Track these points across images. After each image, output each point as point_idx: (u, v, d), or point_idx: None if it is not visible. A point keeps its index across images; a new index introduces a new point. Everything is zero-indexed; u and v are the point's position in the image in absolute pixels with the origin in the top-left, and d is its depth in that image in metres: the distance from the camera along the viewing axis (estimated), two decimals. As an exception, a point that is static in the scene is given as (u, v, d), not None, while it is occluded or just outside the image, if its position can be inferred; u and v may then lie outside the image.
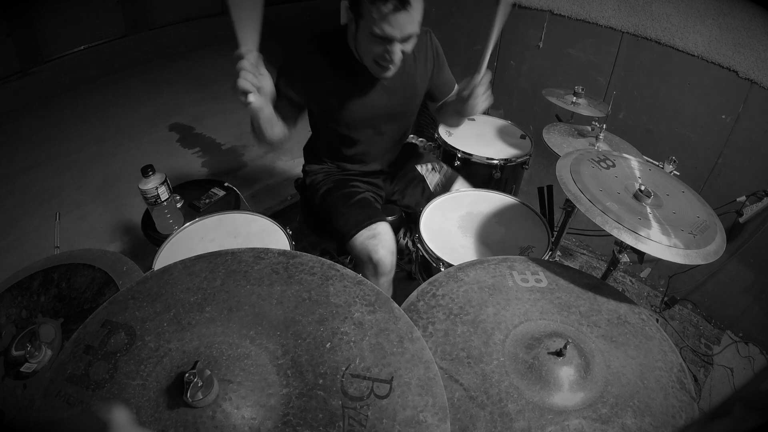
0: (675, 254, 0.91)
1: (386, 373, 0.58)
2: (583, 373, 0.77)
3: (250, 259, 0.71)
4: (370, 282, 0.69)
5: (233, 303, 0.65)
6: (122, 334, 0.62)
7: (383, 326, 0.63)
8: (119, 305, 0.66)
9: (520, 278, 0.97)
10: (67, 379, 0.59)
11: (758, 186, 1.65)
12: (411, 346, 0.61)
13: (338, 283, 0.68)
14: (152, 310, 0.65)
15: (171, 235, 1.28)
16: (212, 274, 0.69)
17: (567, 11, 2.00)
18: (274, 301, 0.65)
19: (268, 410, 0.55)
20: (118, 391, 0.57)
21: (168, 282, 0.68)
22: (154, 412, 0.55)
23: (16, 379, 0.79)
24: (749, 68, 1.60)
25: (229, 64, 0.96)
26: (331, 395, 0.56)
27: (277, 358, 0.60)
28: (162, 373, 0.58)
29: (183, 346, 0.61)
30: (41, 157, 2.83)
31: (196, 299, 0.66)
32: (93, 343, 0.62)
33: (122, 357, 0.60)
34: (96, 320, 0.64)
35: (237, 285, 0.67)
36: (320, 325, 0.62)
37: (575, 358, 0.78)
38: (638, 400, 0.75)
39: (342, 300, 0.66)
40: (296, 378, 0.58)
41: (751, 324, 1.92)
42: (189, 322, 0.63)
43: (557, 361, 0.77)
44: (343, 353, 0.59)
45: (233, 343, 0.61)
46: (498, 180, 1.67)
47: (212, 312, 0.64)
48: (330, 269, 0.70)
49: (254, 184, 2.71)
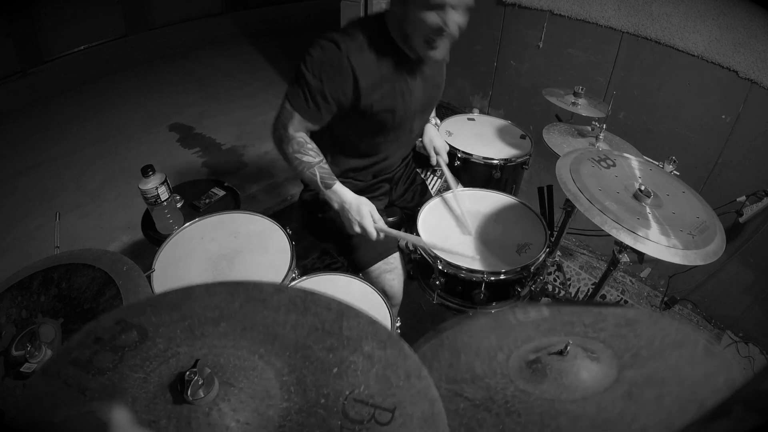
0: (674, 255, 0.91)
1: (390, 403, 0.57)
2: (594, 362, 0.77)
3: (270, 290, 0.73)
4: (383, 324, 0.70)
5: (248, 323, 0.67)
6: (134, 332, 0.63)
7: (392, 361, 0.63)
8: (137, 309, 0.67)
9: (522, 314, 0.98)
10: (70, 362, 0.60)
11: (758, 186, 1.65)
12: (418, 383, 0.60)
13: (353, 320, 0.69)
14: (168, 318, 0.66)
15: (171, 235, 1.28)
16: (231, 297, 0.71)
17: (567, 11, 2.00)
18: (288, 327, 0.66)
19: (265, 419, 0.55)
20: (118, 380, 0.58)
21: (189, 297, 0.70)
22: (149, 404, 0.55)
23: (16, 379, 0.80)
24: (749, 68, 1.60)
25: (229, 64, 0.96)
26: (331, 415, 0.55)
27: (282, 375, 0.60)
28: (165, 371, 0.59)
29: (192, 351, 0.62)
30: (41, 157, 2.83)
31: (213, 315, 0.67)
32: (104, 336, 0.62)
33: (130, 352, 0.61)
34: (111, 317, 0.65)
35: (254, 309, 0.69)
36: (330, 353, 0.63)
37: (580, 352, 0.78)
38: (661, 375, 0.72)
39: (354, 334, 0.66)
40: (298, 395, 0.58)
41: (751, 324, 1.92)
42: (202, 333, 0.64)
43: (561, 359, 0.77)
44: (348, 379, 0.59)
45: (242, 356, 0.62)
46: (498, 180, 1.67)
47: (226, 328, 0.66)
48: (347, 308, 0.71)
49: (254, 184, 2.71)
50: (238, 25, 5.06)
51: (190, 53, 4.38)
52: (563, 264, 2.23)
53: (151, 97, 3.61)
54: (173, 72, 4.06)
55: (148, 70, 4.04)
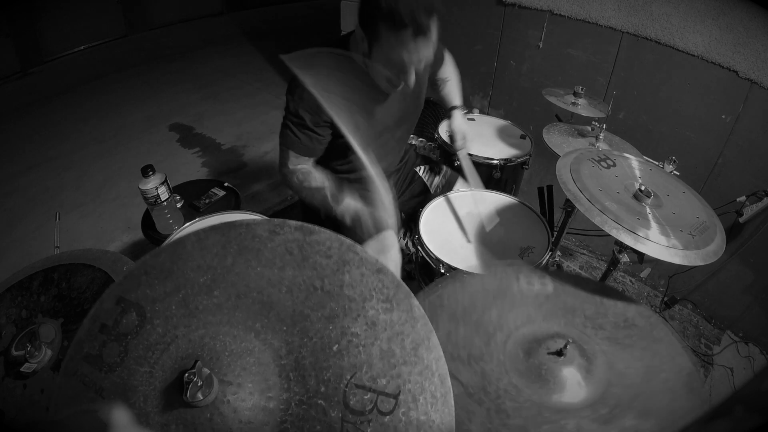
0: (674, 255, 0.91)
1: (393, 387, 0.55)
2: (584, 373, 0.77)
3: (264, 234, 0.66)
4: (391, 272, 0.63)
5: (242, 288, 0.63)
6: (134, 314, 0.63)
7: (398, 329, 0.58)
8: (133, 280, 0.66)
9: (525, 282, 0.97)
10: (83, 358, 0.60)
11: (758, 186, 1.65)
12: (426, 355, 0.57)
13: (356, 270, 0.62)
14: (162, 290, 0.64)
15: (171, 235, 1.28)
16: (224, 249, 0.65)
17: (567, 11, 2.00)
18: (284, 289, 0.62)
19: (266, 414, 0.55)
20: (127, 376, 0.58)
21: (181, 257, 0.66)
22: (158, 404, 0.56)
23: (16, 379, 0.80)
24: (749, 68, 1.60)
25: (229, 64, 0.96)
26: (332, 406, 0.54)
27: (280, 357, 0.58)
28: (168, 362, 0.59)
29: (189, 333, 0.61)
30: (41, 158, 2.83)
31: (205, 280, 0.64)
32: (107, 322, 0.63)
33: (132, 340, 0.61)
34: (111, 296, 0.65)
35: (248, 266, 0.64)
36: (330, 323, 0.59)
37: (576, 358, 0.78)
38: (642, 402, 0.74)
39: (357, 293, 0.60)
40: (298, 383, 0.56)
41: (751, 324, 1.92)
42: (196, 307, 0.63)
43: (557, 361, 0.77)
44: (350, 359, 0.57)
45: (238, 336, 0.60)
46: (498, 180, 1.67)
47: (220, 297, 0.63)
48: (348, 251, 0.63)
49: (254, 184, 2.71)
50: (238, 25, 5.06)
51: (190, 53, 4.38)
52: (563, 264, 2.23)
53: (151, 97, 3.61)
54: (173, 72, 4.06)
55: (148, 70, 4.04)
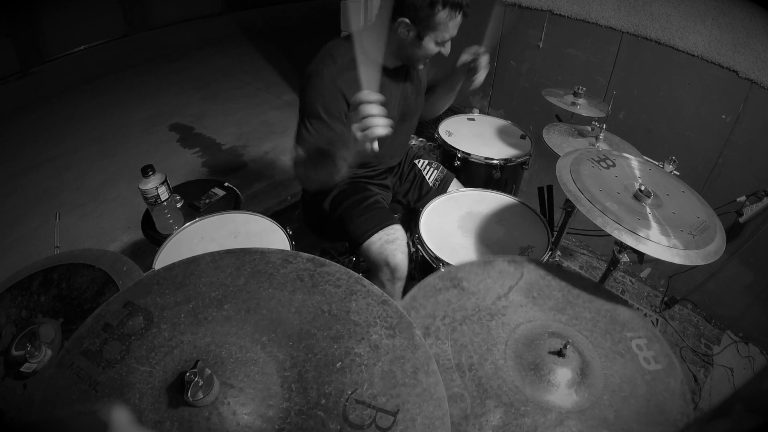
0: (674, 255, 0.91)
1: (392, 405, 0.56)
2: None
3: (277, 261, 0.70)
4: (395, 304, 0.66)
5: (252, 304, 0.65)
6: (141, 318, 0.63)
7: (400, 353, 0.60)
8: (143, 288, 0.66)
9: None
10: (81, 352, 0.60)
11: (758, 186, 1.65)
12: (425, 379, 0.58)
13: (362, 299, 0.66)
14: (173, 299, 0.65)
15: (171, 235, 1.28)
16: (237, 271, 0.68)
17: (567, 11, 2.00)
18: (293, 309, 0.64)
19: (265, 421, 0.55)
20: (126, 373, 0.58)
21: (194, 273, 0.68)
22: (154, 402, 0.56)
23: (16, 379, 0.79)
24: (749, 68, 1.60)
25: (229, 64, 0.96)
26: (331, 418, 0.54)
27: (284, 369, 0.59)
28: (170, 364, 0.59)
29: (195, 340, 0.61)
30: (41, 158, 2.83)
31: (217, 295, 0.65)
32: (112, 322, 0.63)
33: (136, 341, 0.61)
34: (119, 300, 0.65)
35: (260, 287, 0.67)
36: (335, 342, 0.61)
37: (574, 359, 0.78)
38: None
39: (362, 318, 0.64)
40: (299, 394, 0.57)
41: (751, 324, 1.92)
42: (205, 317, 0.63)
43: (557, 361, 0.77)
44: (352, 376, 0.58)
45: (244, 346, 0.60)
46: (498, 180, 1.67)
47: (230, 310, 0.64)
48: (356, 284, 0.67)
49: (254, 184, 2.71)
50: (238, 25, 5.06)
51: (190, 53, 4.38)
52: (563, 264, 2.23)
53: (151, 97, 3.61)
54: (173, 72, 4.06)
55: (148, 70, 4.04)
